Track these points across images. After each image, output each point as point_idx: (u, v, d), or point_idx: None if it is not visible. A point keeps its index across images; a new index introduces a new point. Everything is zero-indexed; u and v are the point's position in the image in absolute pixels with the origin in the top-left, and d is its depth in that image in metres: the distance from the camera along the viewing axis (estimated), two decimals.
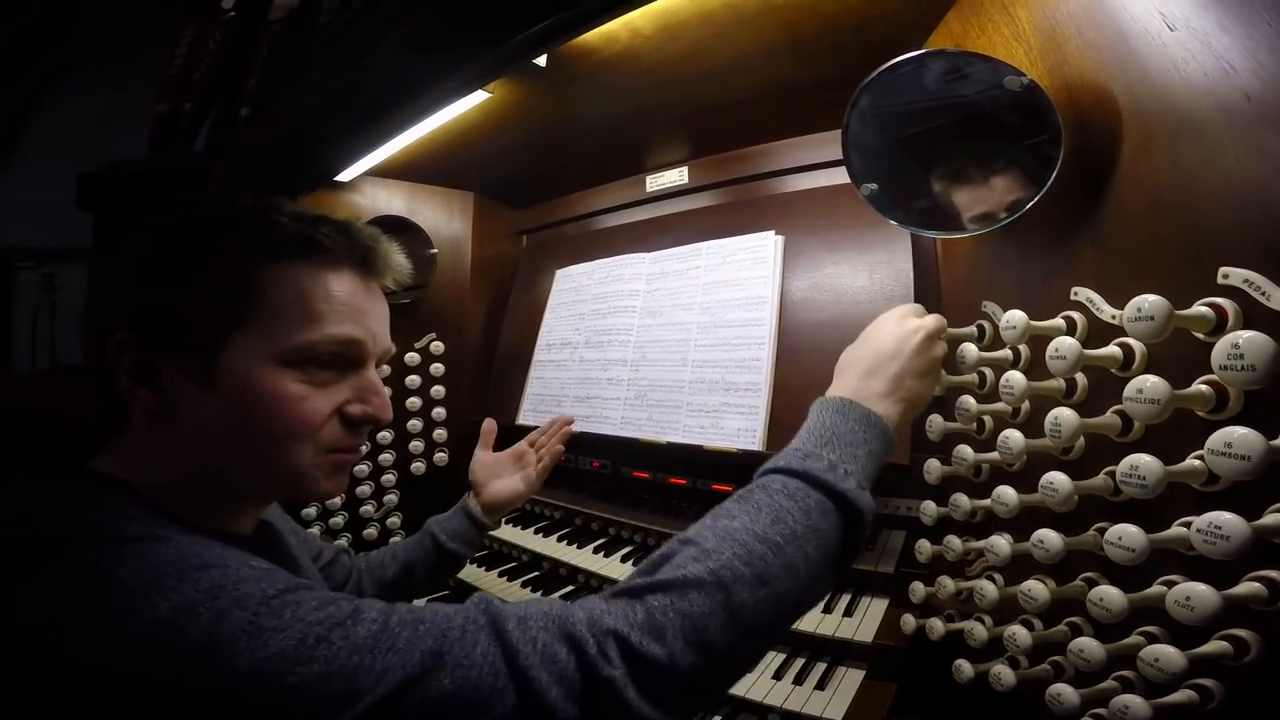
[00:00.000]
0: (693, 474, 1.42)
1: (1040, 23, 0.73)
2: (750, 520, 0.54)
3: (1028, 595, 0.67)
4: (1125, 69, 0.63)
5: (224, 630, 0.41)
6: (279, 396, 0.55)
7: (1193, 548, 0.51)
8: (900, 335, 0.71)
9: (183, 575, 0.43)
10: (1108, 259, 0.66)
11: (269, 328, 0.55)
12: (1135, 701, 0.53)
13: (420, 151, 1.43)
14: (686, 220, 1.50)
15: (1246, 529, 0.47)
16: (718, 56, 1.06)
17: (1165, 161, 0.60)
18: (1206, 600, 0.48)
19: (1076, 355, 0.62)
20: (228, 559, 0.46)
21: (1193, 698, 0.53)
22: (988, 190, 0.74)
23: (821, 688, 0.97)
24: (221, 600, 0.42)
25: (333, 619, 0.43)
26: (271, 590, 0.44)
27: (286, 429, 0.56)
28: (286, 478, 0.58)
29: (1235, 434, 0.47)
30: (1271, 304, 0.50)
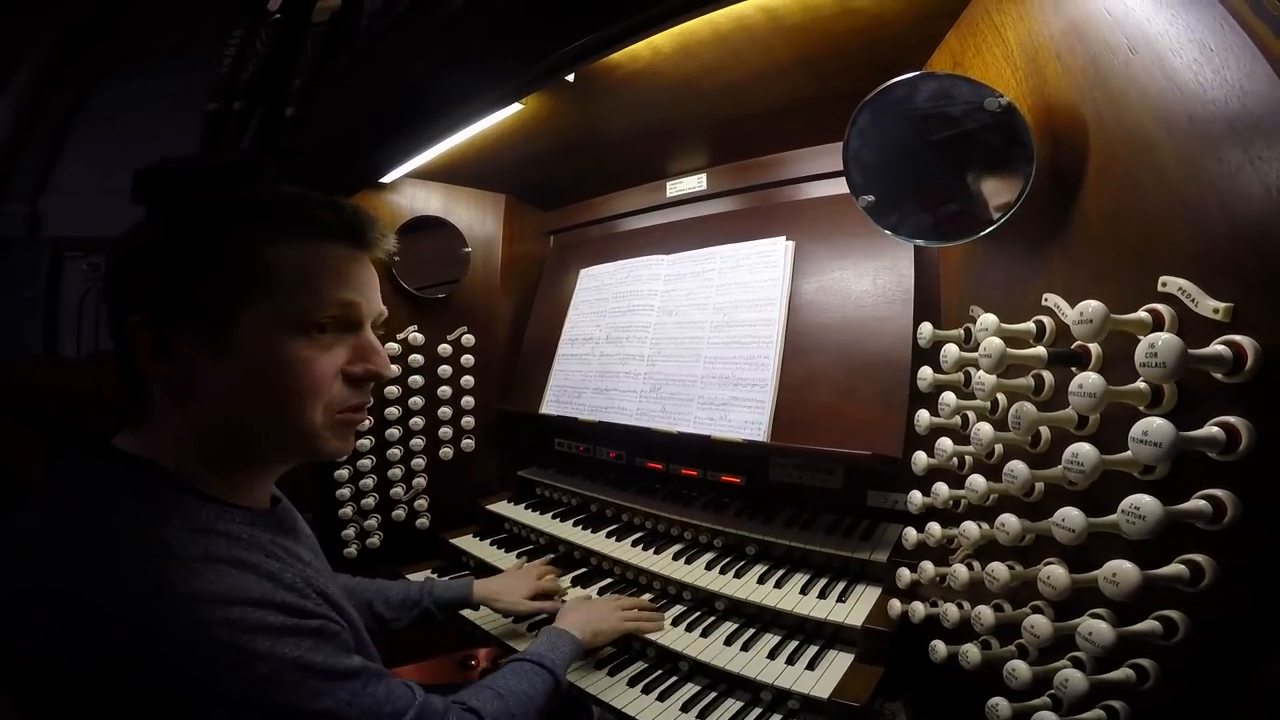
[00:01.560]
0: (703, 465, 1.51)
1: (1026, 45, 0.80)
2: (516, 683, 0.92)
3: (991, 576, 0.74)
4: (1094, 90, 0.70)
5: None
6: (288, 361, 0.63)
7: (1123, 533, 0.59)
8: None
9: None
10: (1074, 267, 0.73)
11: (274, 298, 0.62)
12: (1075, 675, 0.60)
13: (457, 155, 1.56)
14: (704, 224, 1.60)
15: (1160, 510, 0.54)
16: (733, 73, 1.15)
17: (1122, 178, 0.67)
18: (1129, 576, 0.56)
19: (1035, 355, 0.70)
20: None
21: (1130, 676, 0.60)
22: (970, 203, 0.82)
23: (812, 668, 1.06)
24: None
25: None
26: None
27: (298, 390, 0.64)
28: (300, 437, 0.66)
29: (1152, 424, 0.54)
30: (1199, 310, 0.57)
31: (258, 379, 0.63)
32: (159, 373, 0.62)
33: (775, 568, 1.28)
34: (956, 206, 0.84)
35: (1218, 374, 0.55)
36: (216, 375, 0.62)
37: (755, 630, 1.18)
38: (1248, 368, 0.53)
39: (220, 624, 0.54)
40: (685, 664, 1.17)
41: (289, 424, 0.65)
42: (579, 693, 1.13)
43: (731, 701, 1.09)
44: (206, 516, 0.62)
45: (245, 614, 0.56)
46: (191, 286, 0.62)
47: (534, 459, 1.89)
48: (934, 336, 0.94)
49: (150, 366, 0.62)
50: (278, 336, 0.63)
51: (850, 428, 1.16)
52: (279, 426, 0.65)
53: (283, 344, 0.63)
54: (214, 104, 2.03)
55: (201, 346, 0.62)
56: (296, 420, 0.65)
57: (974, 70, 0.87)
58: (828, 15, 0.94)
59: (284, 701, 0.57)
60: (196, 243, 0.63)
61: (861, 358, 1.19)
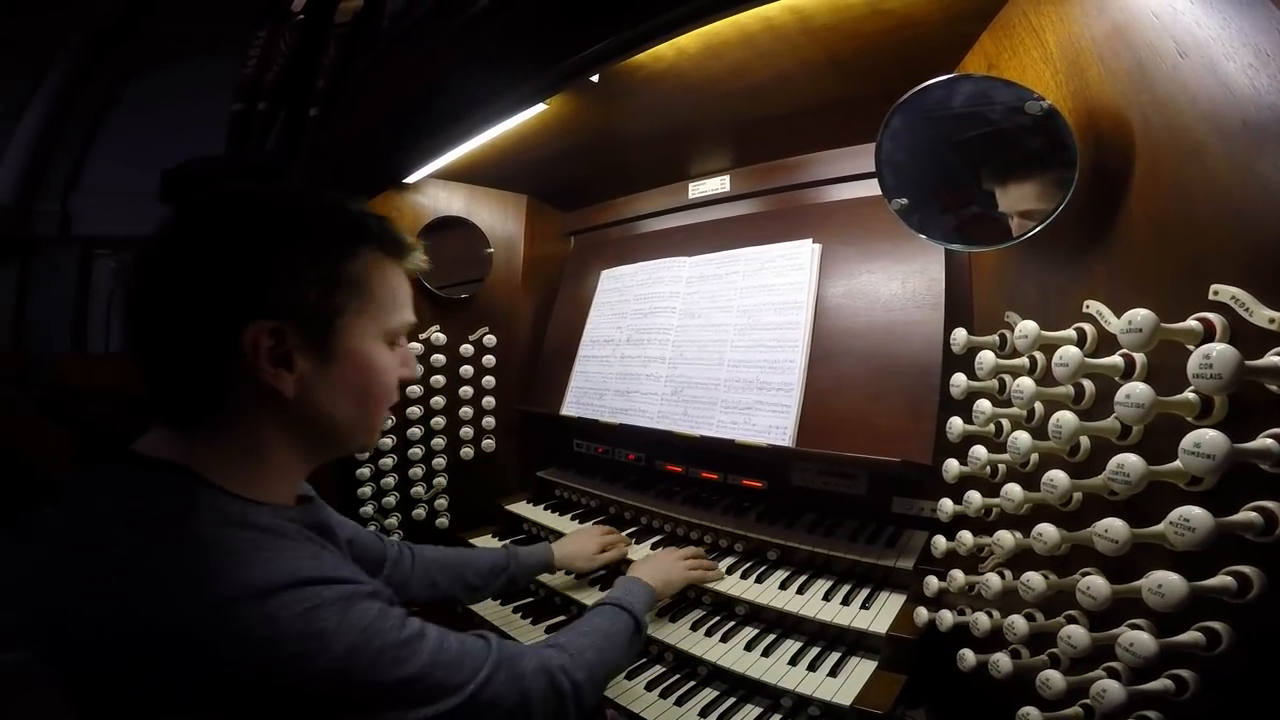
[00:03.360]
0: (724, 469, 1.51)
1: (1066, 47, 0.79)
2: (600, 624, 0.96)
3: (1026, 586, 0.73)
4: (1140, 94, 0.69)
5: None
6: (381, 367, 0.71)
7: (1172, 544, 0.58)
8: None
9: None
10: (1117, 274, 0.72)
11: (366, 310, 0.69)
12: (1112, 686, 0.59)
13: (479, 156, 1.57)
14: (726, 226, 1.60)
15: (1211, 522, 0.53)
16: (759, 74, 1.15)
17: (1171, 184, 0.66)
18: (1175, 587, 0.55)
19: (1078, 364, 0.69)
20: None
21: (1168, 686, 0.59)
22: (1008, 208, 0.81)
23: (833, 675, 1.05)
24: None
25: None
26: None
27: (380, 395, 0.72)
28: (365, 434, 0.73)
29: (1205, 435, 0.54)
30: (1254, 320, 0.56)
31: (356, 384, 0.69)
32: (277, 379, 0.63)
33: (797, 573, 1.27)
34: (993, 211, 0.83)
35: (1273, 386, 0.54)
36: (318, 378, 0.66)
37: (776, 636, 1.18)
38: None
39: (287, 610, 0.55)
40: (704, 669, 1.17)
41: (364, 423, 0.72)
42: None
43: (750, 707, 1.09)
44: (240, 510, 0.63)
45: (304, 594, 0.57)
46: (308, 297, 0.64)
47: (553, 460, 1.90)
48: (968, 342, 0.93)
49: (269, 373, 0.63)
50: (370, 345, 0.69)
51: (878, 434, 1.16)
52: (359, 424, 0.72)
53: (374, 352, 0.70)
54: (239, 104, 2.06)
55: (310, 352, 0.65)
56: (371, 420, 0.73)
57: (1010, 72, 0.86)
58: (858, 16, 0.93)
59: (368, 677, 0.58)
60: (310, 253, 0.65)
61: (890, 363, 1.18)
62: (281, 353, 0.63)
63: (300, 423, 0.67)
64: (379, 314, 0.70)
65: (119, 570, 0.56)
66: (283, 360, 0.64)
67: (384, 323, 0.70)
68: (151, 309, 0.63)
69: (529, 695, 0.72)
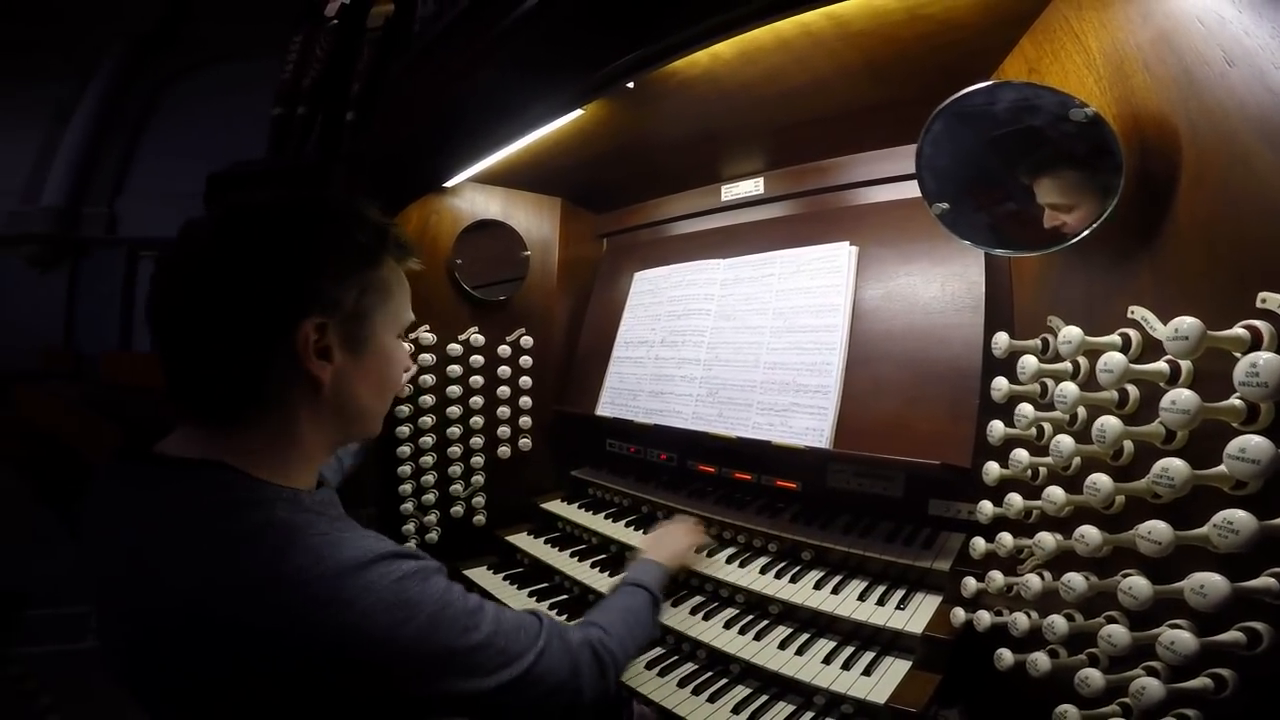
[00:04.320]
0: (757, 470, 1.54)
1: (1110, 53, 0.80)
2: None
3: (1068, 586, 0.75)
4: (1187, 102, 0.70)
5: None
6: (397, 359, 0.80)
7: (1215, 546, 0.60)
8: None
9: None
10: (1162, 280, 0.73)
11: (392, 310, 0.78)
12: (1152, 683, 0.61)
13: (514, 160, 1.62)
14: (761, 229, 1.62)
15: (1255, 525, 0.55)
16: (794, 79, 1.17)
17: (1218, 191, 0.67)
18: (1218, 587, 0.57)
19: (1123, 369, 0.71)
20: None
21: (1207, 684, 0.60)
22: (1052, 213, 0.83)
23: (868, 674, 1.07)
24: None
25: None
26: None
27: (394, 383, 0.81)
28: (377, 419, 0.81)
29: (1250, 441, 0.55)
30: None
31: (380, 373, 0.78)
32: (320, 371, 0.70)
33: (831, 574, 1.29)
34: (1036, 217, 0.84)
35: None
36: (349, 370, 0.73)
37: (810, 635, 1.21)
38: None
39: (380, 581, 0.61)
40: (736, 666, 1.20)
41: (379, 409, 0.80)
42: (622, 688, 1.17)
43: (783, 705, 1.11)
44: (292, 496, 0.68)
45: (392, 567, 0.63)
46: (348, 297, 0.72)
47: (586, 459, 1.95)
48: (1010, 347, 0.95)
49: (314, 366, 0.69)
50: (391, 340, 0.78)
51: (917, 436, 1.17)
52: (377, 409, 0.80)
53: (393, 346, 0.79)
54: (279, 109, 2.15)
55: (347, 347, 0.73)
56: (386, 404, 0.82)
57: (1051, 77, 0.87)
58: (896, 21, 0.96)
59: (445, 643, 0.65)
60: (351, 257, 0.73)
61: (929, 366, 1.20)
62: (322, 346, 0.70)
63: (331, 410, 0.73)
64: (397, 312, 0.79)
65: (214, 565, 0.60)
66: (323, 353, 0.70)
67: (400, 320, 0.80)
68: (201, 311, 0.66)
69: (578, 665, 0.79)
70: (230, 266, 0.67)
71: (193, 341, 0.67)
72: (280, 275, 0.68)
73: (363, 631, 0.59)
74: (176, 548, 0.62)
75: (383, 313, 0.76)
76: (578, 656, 0.80)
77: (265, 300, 0.67)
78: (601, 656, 0.84)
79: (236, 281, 0.66)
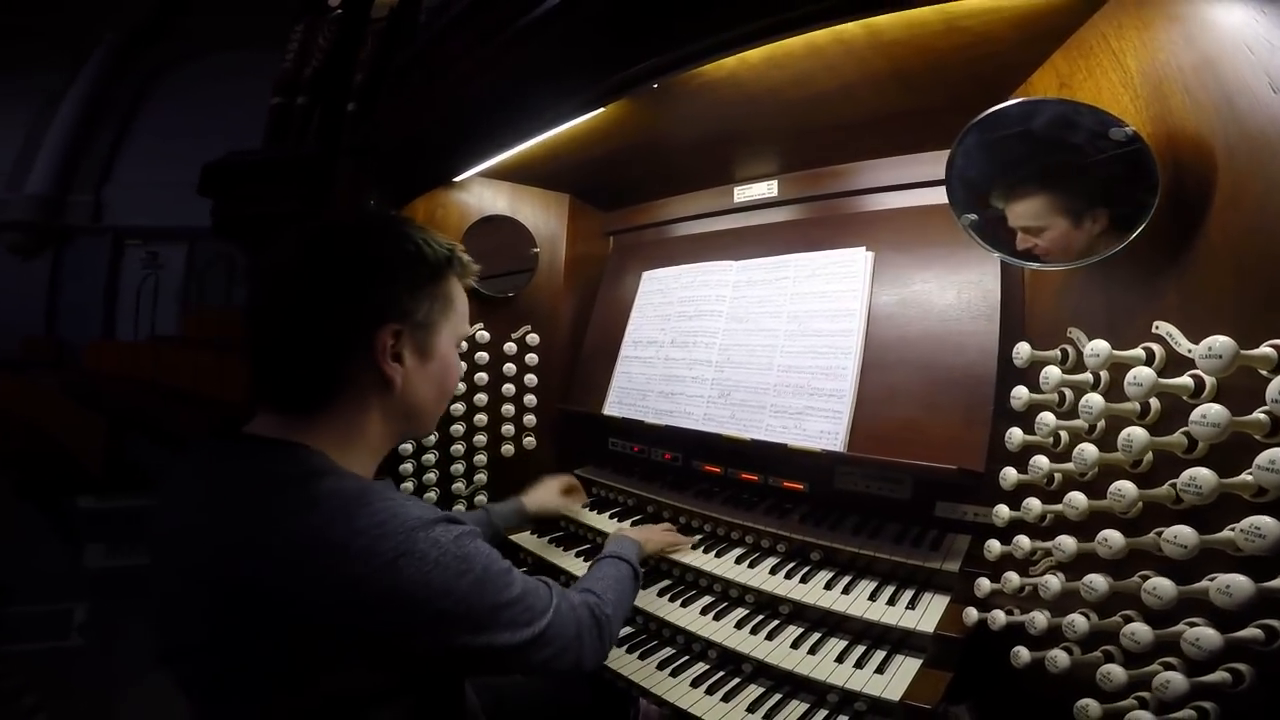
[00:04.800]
0: (764, 471, 1.56)
1: (1150, 74, 0.82)
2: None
3: (1089, 587, 0.79)
4: (1226, 126, 0.72)
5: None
6: (457, 367, 0.92)
7: (1239, 549, 0.63)
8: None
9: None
10: (1190, 298, 0.77)
11: (454, 321, 0.89)
12: (1176, 677, 0.65)
13: (525, 156, 1.61)
14: (773, 231, 1.65)
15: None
16: (821, 85, 1.19)
17: (1253, 214, 0.69)
18: (1244, 588, 0.60)
19: (1152, 383, 0.74)
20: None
21: (1225, 678, 0.64)
22: (1083, 229, 0.86)
23: (880, 672, 1.11)
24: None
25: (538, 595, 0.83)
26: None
27: (454, 385, 0.93)
28: (433, 419, 0.91)
29: (1278, 454, 0.59)
30: None
31: (441, 379, 0.88)
32: (392, 372, 0.80)
33: (841, 574, 1.32)
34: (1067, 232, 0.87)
35: None
36: (416, 374, 0.84)
37: (821, 635, 1.23)
38: None
39: (445, 536, 0.70)
40: (749, 665, 1.22)
41: (437, 410, 0.91)
42: (628, 684, 1.21)
43: (796, 703, 1.14)
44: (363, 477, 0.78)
45: (452, 526, 0.72)
46: (420, 308, 0.82)
47: (589, 458, 1.96)
48: (1031, 357, 0.98)
49: (388, 367, 0.79)
50: (450, 348, 0.89)
51: (932, 441, 1.21)
52: (434, 411, 0.90)
53: (452, 354, 0.90)
54: (278, 98, 2.12)
55: (415, 354, 0.83)
56: (443, 407, 0.92)
57: (1084, 93, 0.90)
58: (932, 32, 0.98)
59: (494, 597, 0.74)
60: (426, 274, 0.83)
61: (945, 373, 1.23)
62: (397, 350, 0.80)
63: (397, 408, 0.83)
64: (458, 324, 0.90)
65: (297, 522, 0.67)
66: (397, 357, 0.81)
67: (459, 331, 0.90)
68: (293, 313, 0.78)
69: (581, 625, 0.90)
70: (321, 276, 0.78)
71: (283, 339, 0.78)
72: (364, 285, 0.78)
73: (432, 581, 0.68)
74: (259, 510, 0.70)
75: (447, 323, 0.86)
76: (580, 616, 0.91)
77: (351, 307, 0.78)
78: (600, 619, 0.95)
79: (326, 289, 0.77)
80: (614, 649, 1.33)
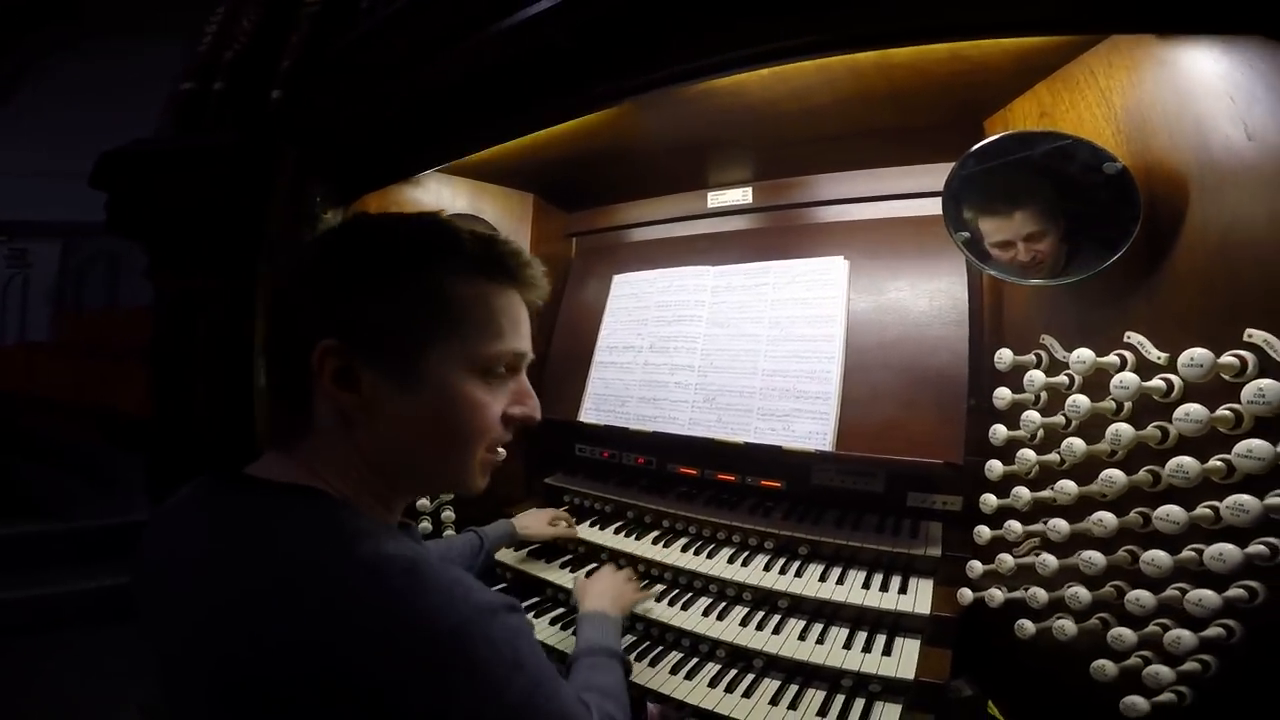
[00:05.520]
0: (741, 471, 1.62)
1: (1134, 112, 0.94)
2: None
3: (1088, 562, 0.93)
4: (1201, 165, 0.84)
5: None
6: (470, 401, 0.67)
7: (1217, 522, 0.78)
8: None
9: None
10: (1159, 312, 0.92)
11: (463, 338, 0.66)
12: (1186, 634, 0.79)
13: (488, 153, 1.55)
14: (748, 238, 1.72)
15: (1260, 506, 0.73)
16: (819, 98, 1.25)
17: (1217, 243, 0.83)
18: (1234, 554, 0.75)
19: (1136, 386, 0.88)
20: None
21: (1221, 633, 0.79)
22: (1070, 250, 0.99)
23: (888, 654, 1.21)
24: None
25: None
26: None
27: (472, 429, 0.68)
28: (457, 474, 0.71)
29: (1254, 444, 0.74)
30: (1278, 357, 0.77)
31: (438, 416, 0.67)
32: (342, 400, 0.64)
33: (831, 566, 1.43)
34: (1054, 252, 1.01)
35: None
36: (397, 405, 0.66)
37: (823, 625, 1.33)
38: None
39: (501, 633, 0.58)
40: (760, 660, 1.29)
41: (453, 461, 0.69)
42: (642, 692, 1.23)
43: (813, 691, 1.22)
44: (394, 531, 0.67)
45: (511, 619, 0.60)
46: (386, 317, 0.65)
47: (556, 466, 1.93)
48: (1013, 361, 1.12)
49: (334, 393, 0.64)
50: (461, 376, 0.67)
51: (913, 438, 1.33)
52: (443, 462, 0.70)
53: (465, 384, 0.67)
54: (189, 84, 1.86)
55: (388, 376, 0.65)
56: (461, 458, 0.69)
57: (1066, 124, 1.04)
58: (936, 59, 1.07)
59: (539, 708, 0.60)
60: (391, 272, 0.66)
61: (921, 374, 1.36)
62: (348, 373, 0.64)
63: (385, 452, 0.67)
64: (473, 341, 0.67)
65: (335, 601, 0.55)
66: (345, 381, 0.64)
67: (478, 353, 0.67)
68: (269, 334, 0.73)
69: None
70: (278, 288, 0.73)
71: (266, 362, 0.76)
72: (299, 286, 0.69)
73: (479, 686, 0.56)
74: (289, 580, 0.57)
75: (448, 339, 0.66)
76: None
77: (288, 316, 0.68)
78: None
79: (279, 301, 0.71)
80: None
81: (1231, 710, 0.82)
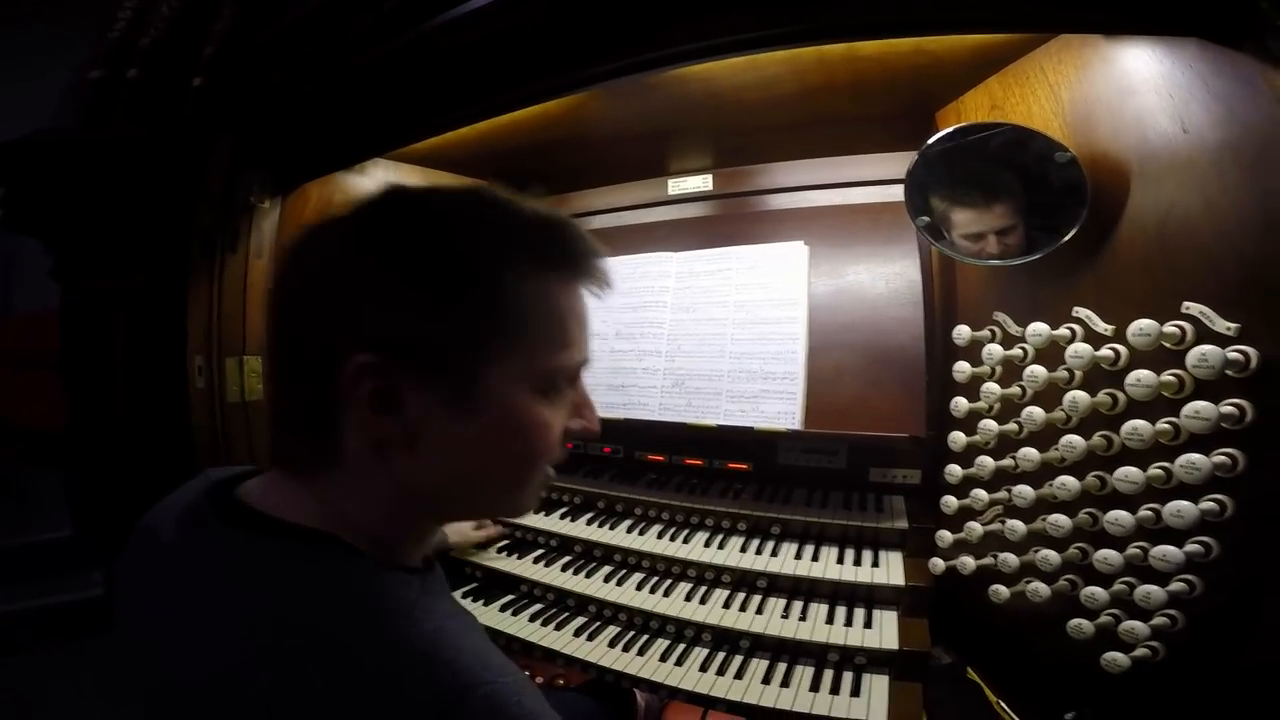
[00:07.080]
0: (708, 455, 1.64)
1: (1080, 106, 1.01)
2: None
3: (1055, 525, 1.00)
4: (1141, 155, 0.92)
5: None
6: (538, 422, 0.57)
7: (1168, 481, 0.86)
8: None
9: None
10: (1105, 288, 0.99)
11: (530, 349, 0.56)
12: (1155, 590, 0.87)
13: (441, 140, 1.47)
14: (709, 225, 1.72)
15: (1209, 463, 0.81)
16: (786, 87, 1.27)
17: (1155, 226, 0.91)
18: (1191, 511, 0.82)
19: (1090, 356, 0.95)
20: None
21: (1184, 588, 0.86)
22: (1023, 232, 1.06)
23: (869, 626, 1.26)
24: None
25: None
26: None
27: (538, 454, 0.59)
28: (515, 499, 0.63)
29: (1200, 405, 0.81)
30: (1215, 328, 0.84)
31: (501, 441, 0.57)
32: (381, 428, 0.54)
33: (804, 543, 1.47)
34: (1008, 235, 1.07)
35: (1229, 371, 0.83)
36: (451, 433, 0.55)
37: (803, 601, 1.37)
38: (1251, 367, 0.81)
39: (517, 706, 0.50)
40: (746, 641, 1.31)
41: (514, 486, 0.61)
42: (633, 681, 1.24)
43: (801, 668, 1.25)
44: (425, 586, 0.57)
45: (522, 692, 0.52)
46: (431, 328, 0.53)
47: None
48: (971, 337, 1.18)
49: (371, 420, 0.53)
50: (526, 393, 0.57)
51: (879, 414, 1.39)
52: (502, 489, 0.61)
53: (531, 403, 0.57)
54: (99, 72, 1.66)
55: (439, 400, 0.54)
56: (523, 483, 0.61)
57: (1016, 115, 1.10)
58: (900, 53, 1.11)
59: None
60: (437, 271, 0.53)
61: (882, 353, 1.42)
62: (385, 393, 0.53)
63: (421, 482, 0.56)
64: (529, 349, 0.56)
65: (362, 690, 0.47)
66: (387, 405, 0.53)
67: (534, 362, 0.57)
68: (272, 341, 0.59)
69: None
70: (289, 287, 0.59)
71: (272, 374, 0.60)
72: (321, 288, 0.56)
73: None
74: (310, 665, 0.48)
75: (516, 356, 0.55)
76: None
77: (308, 325, 0.56)
78: None
79: (291, 303, 0.58)
80: (610, 649, 1.34)
81: (1200, 662, 0.88)
